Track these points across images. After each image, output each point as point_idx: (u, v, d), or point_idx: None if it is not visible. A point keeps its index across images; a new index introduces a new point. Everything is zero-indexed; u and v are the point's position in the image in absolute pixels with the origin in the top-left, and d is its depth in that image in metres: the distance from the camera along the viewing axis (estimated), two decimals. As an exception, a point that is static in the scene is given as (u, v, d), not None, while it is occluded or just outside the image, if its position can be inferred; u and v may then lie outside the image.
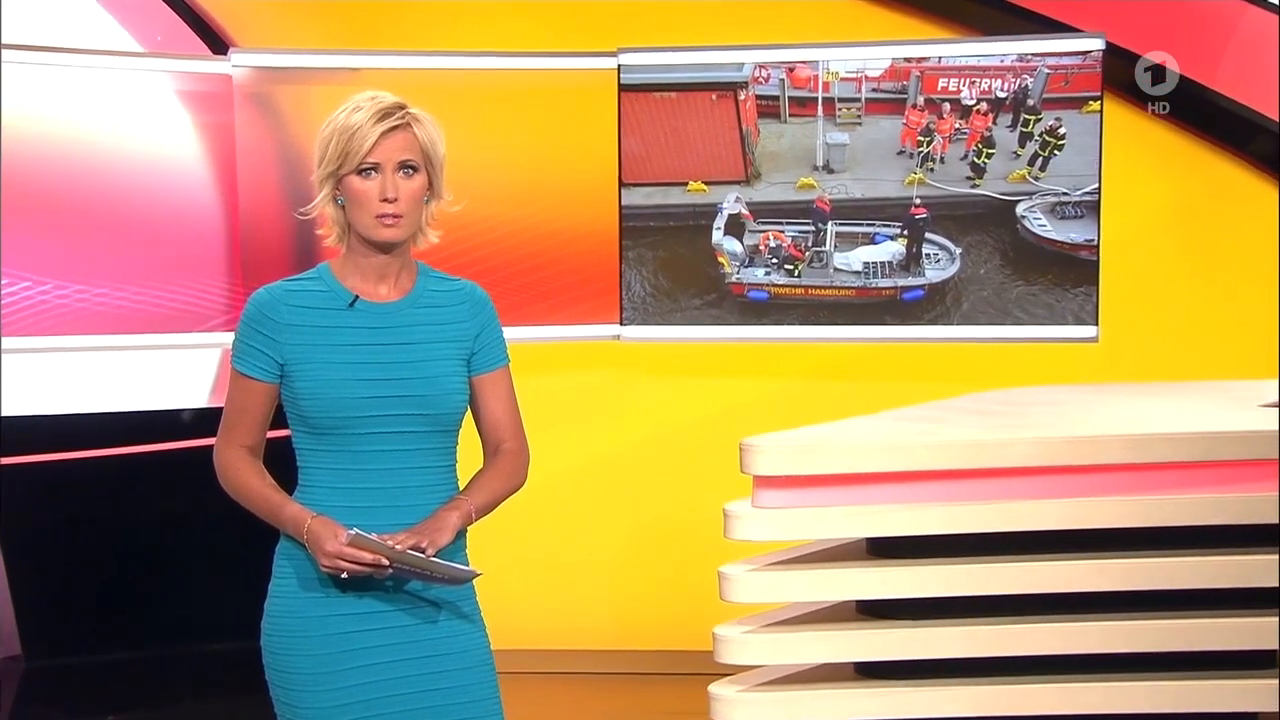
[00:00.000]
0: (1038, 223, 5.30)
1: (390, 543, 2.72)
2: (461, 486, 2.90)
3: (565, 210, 5.52)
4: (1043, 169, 5.29)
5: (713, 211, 5.49)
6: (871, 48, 5.36)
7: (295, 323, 2.81)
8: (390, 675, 2.82)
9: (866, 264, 5.43)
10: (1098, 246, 5.26)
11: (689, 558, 5.62)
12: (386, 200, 2.78)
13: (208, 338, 5.38)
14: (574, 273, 5.54)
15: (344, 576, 2.74)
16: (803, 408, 5.41)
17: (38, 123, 5.13)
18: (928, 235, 5.38)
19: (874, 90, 5.37)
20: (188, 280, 5.32)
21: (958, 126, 5.32)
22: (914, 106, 5.34)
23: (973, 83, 5.31)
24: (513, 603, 3.11)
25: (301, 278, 2.88)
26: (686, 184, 5.49)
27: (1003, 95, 5.29)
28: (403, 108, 2.81)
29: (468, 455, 2.95)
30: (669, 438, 5.72)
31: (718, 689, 3.71)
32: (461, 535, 2.87)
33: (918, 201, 5.37)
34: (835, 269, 5.44)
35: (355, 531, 2.72)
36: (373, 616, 2.82)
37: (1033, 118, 5.28)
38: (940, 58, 5.33)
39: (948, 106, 5.32)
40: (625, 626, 5.74)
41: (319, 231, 2.90)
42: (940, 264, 5.38)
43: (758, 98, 5.43)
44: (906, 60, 5.33)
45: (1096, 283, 5.26)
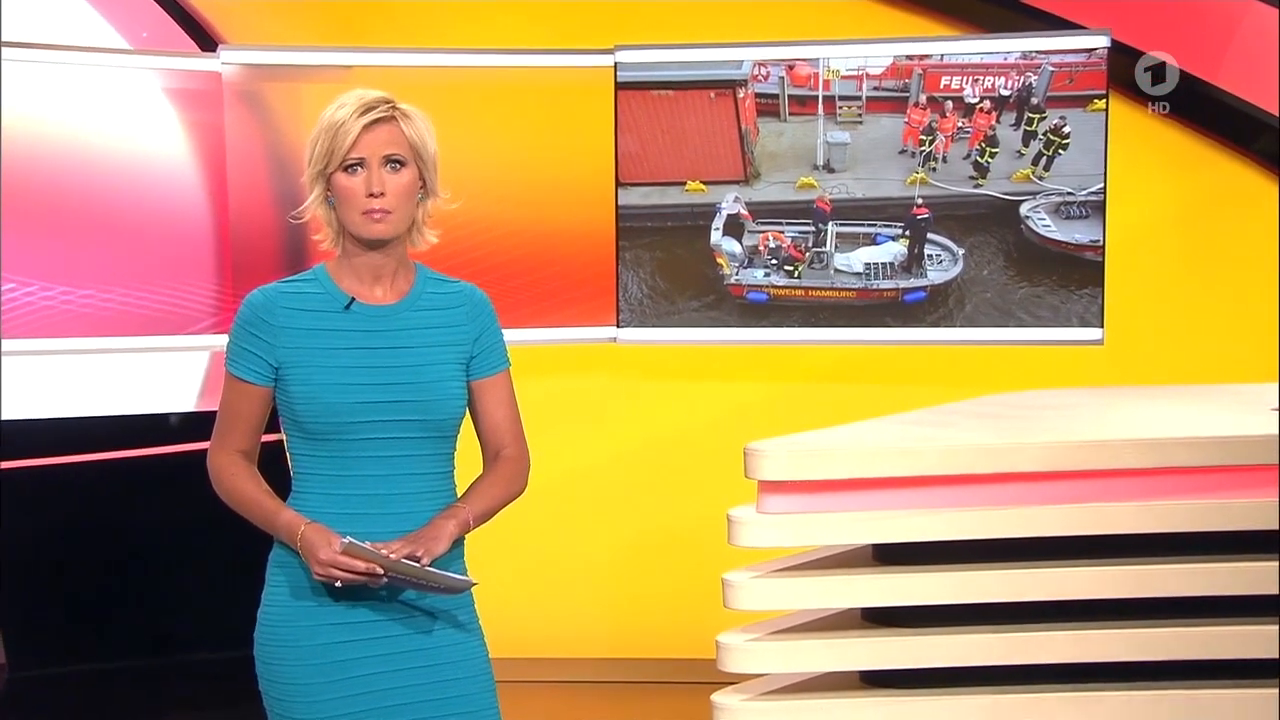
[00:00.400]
0: (1042, 223, 5.29)
1: (384, 551, 2.70)
2: (460, 493, 2.89)
3: (561, 210, 5.50)
4: (1047, 168, 5.27)
5: (711, 212, 5.48)
6: (873, 45, 5.35)
7: (290, 325, 2.80)
8: (386, 686, 2.81)
9: (868, 265, 5.41)
10: (1103, 247, 5.25)
11: (688, 564, 5.61)
12: (372, 195, 2.77)
13: (196, 340, 5.35)
14: (569, 274, 5.53)
15: (338, 585, 2.72)
16: (803, 411, 5.41)
17: (20, 121, 5.11)
18: (930, 236, 5.36)
19: (875, 88, 5.35)
20: (175, 282, 5.30)
21: (960, 125, 5.31)
22: (916, 105, 5.33)
23: (976, 80, 5.29)
24: (510, 610, 3.09)
25: (297, 279, 2.87)
26: (684, 184, 5.48)
27: (1006, 93, 5.28)
28: (388, 102, 2.81)
29: (466, 460, 2.93)
30: (667, 442, 5.71)
31: (721, 698, 3.69)
32: (459, 543, 2.86)
33: (920, 201, 5.36)
34: (836, 270, 5.43)
35: (349, 540, 2.70)
36: (367, 626, 2.81)
37: (1037, 116, 5.27)
38: (943, 55, 5.32)
39: (950, 105, 5.31)
40: (625, 634, 5.72)
41: (315, 236, 2.88)
42: (943, 265, 5.37)
43: (757, 96, 5.41)
44: (908, 58, 5.32)
45: (1102, 284, 5.25)
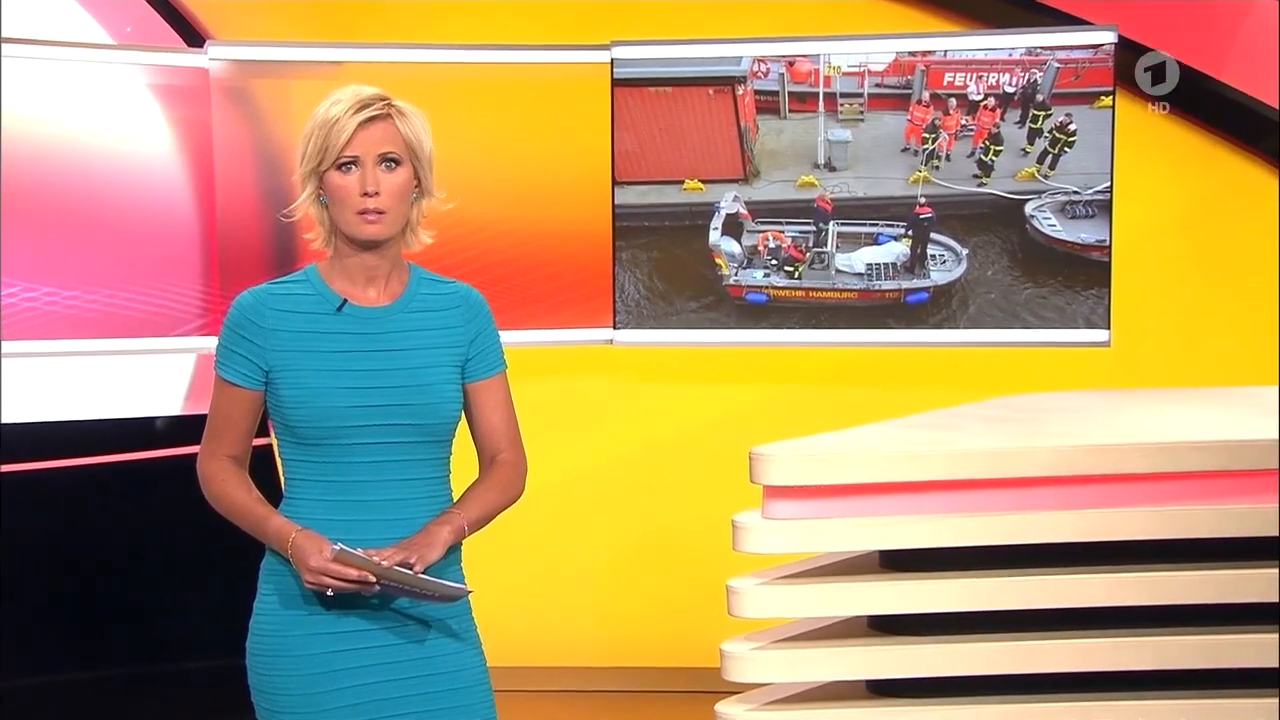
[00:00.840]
0: (1047, 222, 5.29)
1: (376, 559, 2.69)
2: (455, 498, 2.87)
3: (556, 210, 5.49)
4: (1052, 167, 5.27)
5: (710, 211, 5.47)
6: (875, 41, 5.35)
7: (280, 328, 2.79)
8: (379, 696, 2.80)
9: (869, 265, 5.41)
10: (1110, 247, 5.25)
11: (687, 569, 5.61)
12: (367, 194, 2.76)
13: (182, 342, 5.34)
14: (565, 275, 5.52)
15: (329, 594, 2.70)
16: (803, 414, 5.39)
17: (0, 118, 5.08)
18: (933, 236, 5.36)
19: (877, 85, 5.35)
20: (161, 282, 5.28)
21: (964, 123, 5.31)
22: (919, 102, 5.32)
23: (980, 77, 5.29)
24: (507, 617, 3.08)
25: (288, 280, 2.86)
26: (682, 182, 5.47)
27: (1011, 90, 5.27)
28: (383, 99, 2.80)
29: (462, 464, 2.92)
30: (665, 446, 5.70)
31: (725, 708, 3.69)
32: (455, 550, 2.85)
33: (923, 200, 5.35)
34: (837, 271, 5.42)
35: (340, 546, 2.69)
36: (360, 635, 2.79)
37: (1042, 113, 5.26)
38: (946, 51, 5.32)
39: (954, 102, 5.31)
40: (626, 641, 5.71)
41: (307, 235, 2.87)
42: (946, 265, 5.36)
43: (756, 93, 5.40)
44: (911, 54, 5.32)
45: (1108, 285, 5.25)
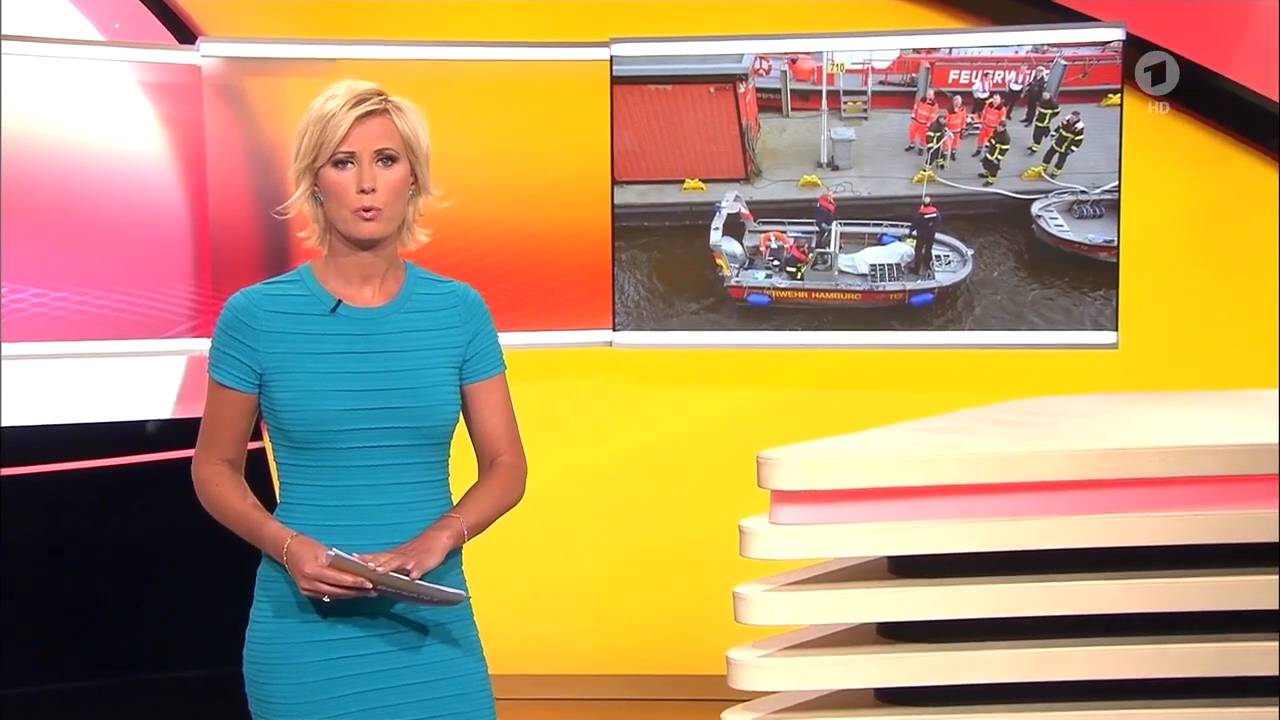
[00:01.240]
0: (1054, 222, 5.28)
1: (373, 564, 2.67)
2: (455, 500, 2.86)
3: (554, 209, 5.48)
4: (1059, 166, 5.26)
5: (711, 211, 5.46)
6: (879, 38, 5.34)
7: (274, 330, 2.78)
8: (377, 704, 2.79)
9: (873, 266, 5.40)
10: (1118, 248, 5.24)
11: (686, 575, 5.60)
12: (364, 191, 2.75)
13: (173, 344, 5.32)
14: (563, 275, 5.50)
15: (325, 600, 2.69)
16: (806, 418, 5.40)
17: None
18: (938, 236, 5.35)
19: (881, 83, 5.34)
20: (152, 284, 5.26)
21: (969, 121, 5.30)
22: (923, 100, 5.32)
23: (985, 75, 5.28)
24: (507, 625, 3.07)
25: (281, 280, 2.85)
26: (683, 182, 5.46)
27: (1017, 88, 5.27)
28: (380, 94, 2.79)
29: (461, 466, 2.92)
30: (664, 450, 5.69)
31: (732, 716, 3.69)
32: (456, 554, 2.85)
33: (927, 200, 5.35)
34: (840, 271, 5.41)
35: (335, 552, 2.68)
36: (357, 642, 2.79)
37: (1049, 112, 5.26)
38: (951, 48, 5.31)
39: (959, 100, 5.30)
40: (626, 649, 5.70)
41: (301, 234, 2.86)
42: (951, 266, 5.35)
43: (758, 90, 5.39)
44: (916, 51, 5.31)
45: (1116, 286, 5.24)
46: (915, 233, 5.36)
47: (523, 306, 5.45)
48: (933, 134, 5.32)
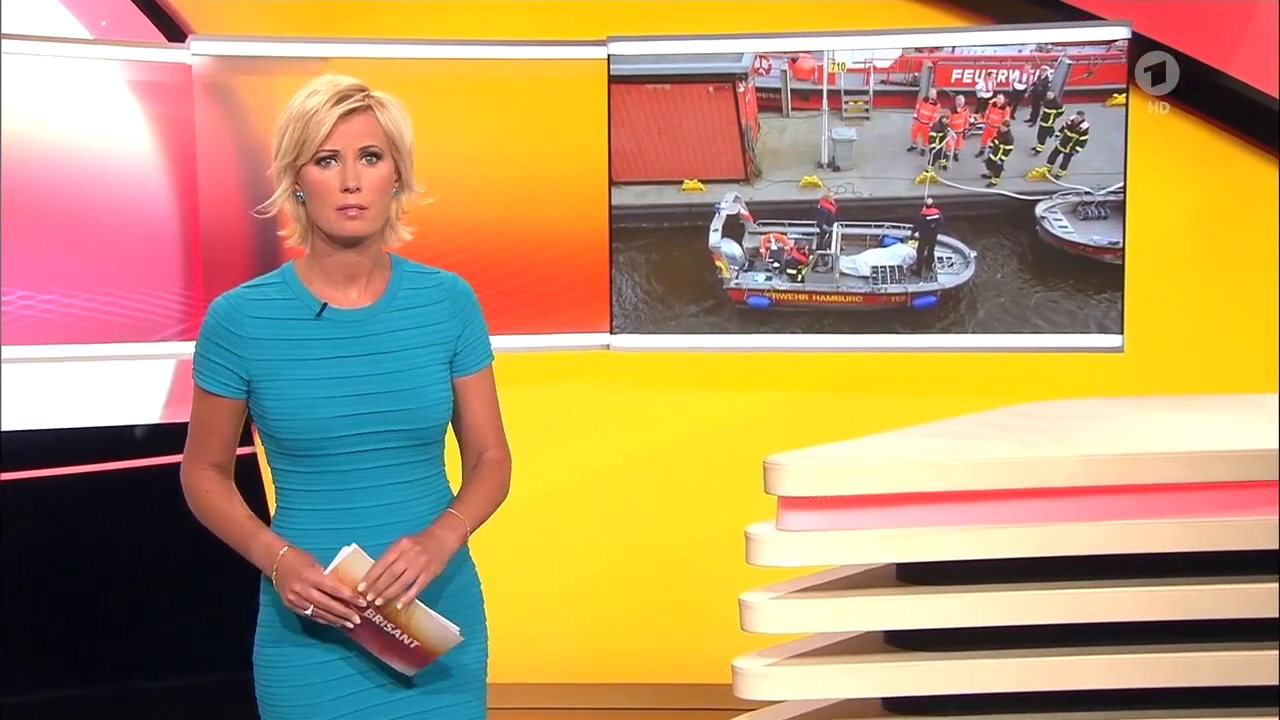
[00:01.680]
0: (1058, 224, 5.28)
1: (371, 595, 2.66)
2: (450, 485, 2.88)
3: (551, 210, 5.47)
4: (1064, 166, 5.27)
5: (710, 212, 5.45)
6: (880, 36, 5.33)
7: (259, 336, 2.76)
8: (379, 701, 2.79)
9: (875, 268, 5.39)
10: (1123, 249, 5.25)
11: (684, 582, 5.60)
12: (348, 190, 2.74)
13: (162, 348, 5.30)
14: (560, 277, 5.49)
15: (308, 613, 2.67)
16: (807, 422, 5.40)
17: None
18: (940, 237, 5.35)
19: (883, 82, 5.34)
20: (141, 286, 5.24)
21: (972, 121, 5.30)
22: (926, 100, 5.32)
23: (989, 74, 5.28)
24: (503, 633, 3.05)
25: (263, 282, 2.83)
26: (681, 182, 5.45)
27: (1021, 88, 5.27)
28: (362, 90, 2.78)
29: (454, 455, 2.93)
30: (663, 455, 5.68)
31: (738, 727, 3.69)
32: (464, 548, 2.84)
33: (930, 201, 5.34)
34: (841, 274, 5.41)
35: (355, 547, 2.67)
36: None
37: (1053, 112, 5.26)
38: (954, 47, 5.31)
39: (962, 100, 5.30)
40: (625, 657, 5.69)
41: (281, 232, 2.85)
42: (954, 268, 5.35)
43: (758, 90, 5.39)
44: (918, 50, 5.31)
45: (1122, 288, 5.25)
46: (917, 234, 5.36)
47: (518, 309, 5.44)
48: (935, 134, 5.32)
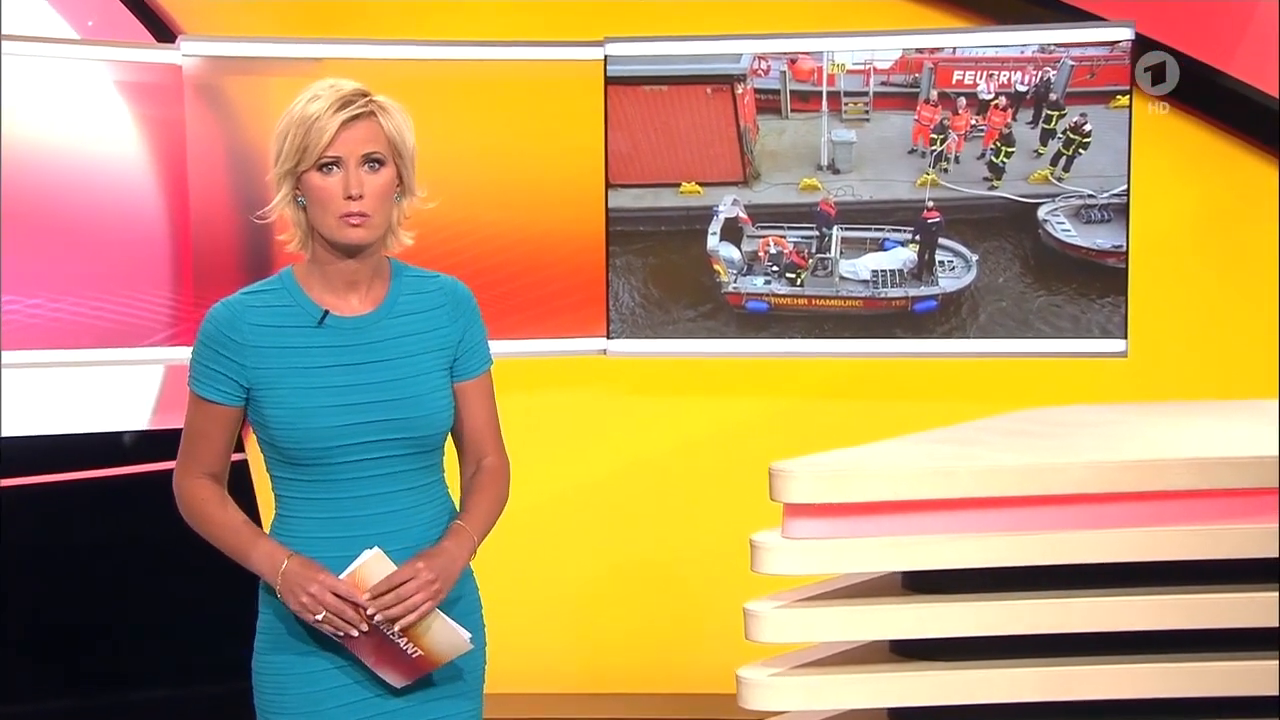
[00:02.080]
0: (1061, 227, 5.28)
1: (371, 610, 2.67)
2: (450, 492, 2.89)
3: (546, 213, 5.46)
4: (1066, 169, 5.27)
5: (708, 215, 5.45)
6: (881, 37, 5.34)
7: (259, 343, 2.76)
8: (379, 711, 2.80)
9: (875, 272, 5.39)
10: (1126, 253, 5.25)
11: (683, 591, 5.59)
12: (351, 198, 2.73)
13: (151, 353, 5.28)
14: (556, 281, 5.48)
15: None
16: (806, 428, 5.39)
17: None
18: (941, 241, 5.35)
19: (883, 84, 5.34)
20: (129, 290, 5.23)
21: (974, 123, 5.30)
22: (927, 101, 5.32)
23: (990, 75, 5.29)
24: (496, 642, 3.05)
25: (262, 288, 2.83)
26: (679, 185, 5.45)
27: (1023, 89, 5.27)
28: (365, 95, 2.77)
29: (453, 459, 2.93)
30: (660, 461, 5.67)
31: (742, 737, 3.68)
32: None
33: (930, 204, 5.34)
34: (841, 277, 5.41)
35: (377, 550, 2.68)
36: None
37: (1056, 113, 5.26)
38: (955, 48, 5.31)
39: (963, 101, 5.30)
40: (624, 667, 5.69)
41: (280, 237, 2.84)
42: (955, 272, 5.35)
43: (757, 91, 5.38)
44: (919, 51, 5.31)
45: (1125, 292, 5.25)
46: (918, 238, 5.36)
47: (513, 313, 5.43)
48: (936, 136, 5.32)
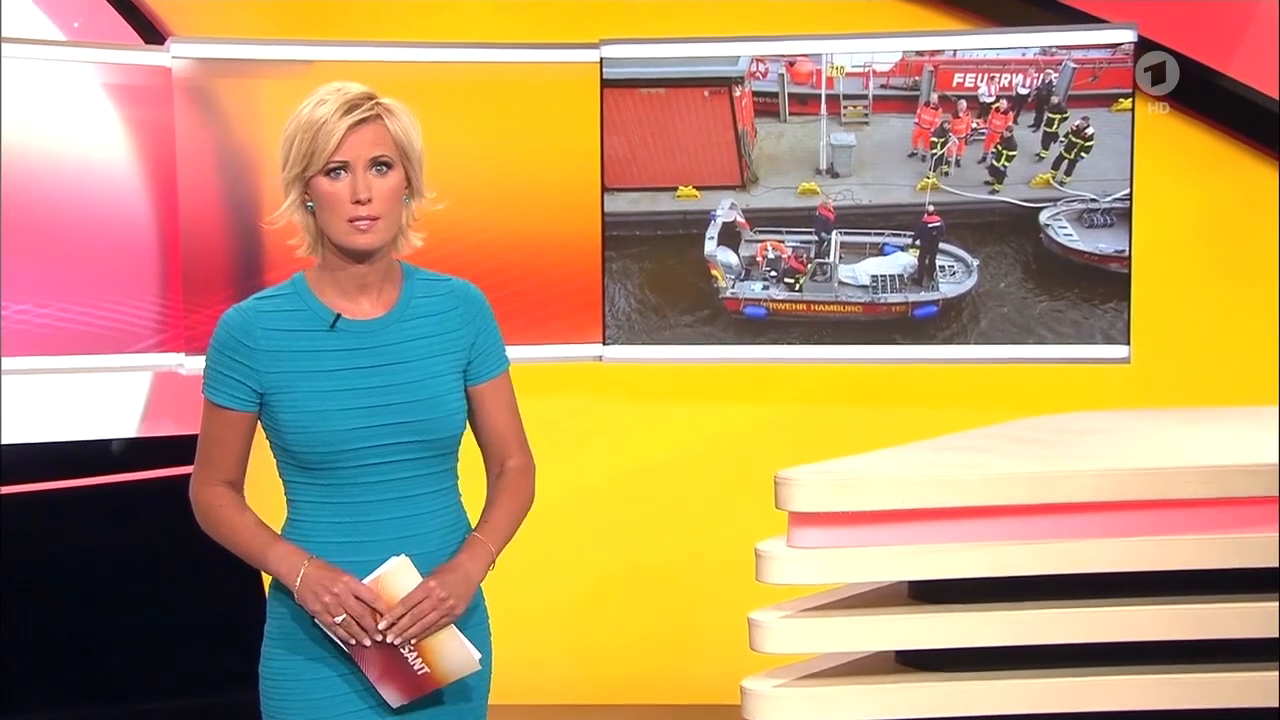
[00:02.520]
0: (1063, 232, 5.28)
1: (381, 624, 2.68)
2: (463, 499, 2.89)
3: (542, 217, 5.46)
4: (1068, 173, 5.27)
5: (705, 219, 5.44)
6: (880, 40, 5.34)
7: (273, 348, 2.78)
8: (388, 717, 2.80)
9: (875, 277, 5.39)
10: (1129, 258, 5.25)
11: (678, 598, 5.59)
12: (359, 202, 2.75)
13: (138, 359, 5.27)
14: (551, 286, 5.48)
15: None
16: (805, 435, 5.39)
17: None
18: (942, 246, 5.35)
19: (883, 86, 5.34)
20: (117, 296, 5.21)
21: (975, 126, 5.30)
22: (927, 104, 5.32)
23: (991, 78, 5.29)
24: (499, 654, 3.06)
25: (274, 294, 2.85)
26: (676, 189, 5.44)
27: (1024, 92, 5.27)
28: (371, 98, 2.80)
29: (467, 460, 2.93)
30: (656, 468, 5.67)
31: (745, 749, 3.67)
32: None
33: (931, 208, 5.34)
34: (840, 283, 5.41)
35: (404, 558, 2.70)
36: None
37: (1057, 117, 5.26)
38: (956, 51, 5.31)
39: (964, 104, 5.30)
40: (622, 678, 5.68)
41: (290, 241, 2.85)
42: (956, 277, 5.35)
43: (755, 94, 5.38)
44: (919, 53, 5.31)
45: (1128, 298, 5.25)
46: (918, 242, 5.36)
47: (509, 319, 5.32)
48: (936, 140, 5.32)
